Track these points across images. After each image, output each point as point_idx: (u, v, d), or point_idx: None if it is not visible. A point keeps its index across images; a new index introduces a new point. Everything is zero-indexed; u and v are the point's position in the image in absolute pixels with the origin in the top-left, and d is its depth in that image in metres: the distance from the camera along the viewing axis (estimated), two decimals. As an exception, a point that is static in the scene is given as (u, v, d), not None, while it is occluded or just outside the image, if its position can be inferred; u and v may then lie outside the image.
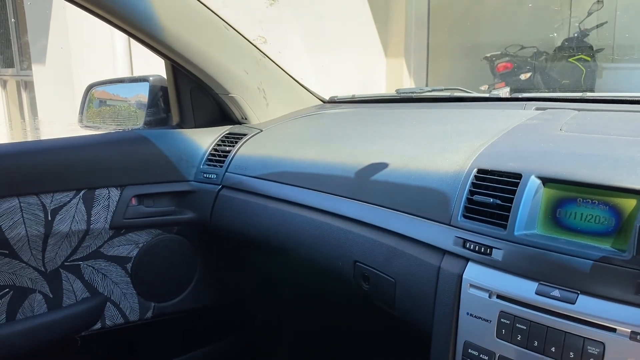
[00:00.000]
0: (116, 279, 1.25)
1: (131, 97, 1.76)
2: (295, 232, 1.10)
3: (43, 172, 1.13)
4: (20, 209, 1.09)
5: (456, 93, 1.34)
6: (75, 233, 1.17)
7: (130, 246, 1.26)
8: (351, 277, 0.98)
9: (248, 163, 1.27)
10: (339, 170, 1.06)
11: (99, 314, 1.23)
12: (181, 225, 1.33)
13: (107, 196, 1.21)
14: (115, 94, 1.81)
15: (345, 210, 1.01)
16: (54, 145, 1.18)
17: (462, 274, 0.78)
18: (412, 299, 0.85)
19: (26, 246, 1.12)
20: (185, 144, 1.34)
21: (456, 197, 0.83)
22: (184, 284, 1.37)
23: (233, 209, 1.26)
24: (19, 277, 1.12)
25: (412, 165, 0.95)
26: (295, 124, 1.35)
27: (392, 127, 1.16)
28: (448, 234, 0.82)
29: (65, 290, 1.18)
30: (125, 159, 1.24)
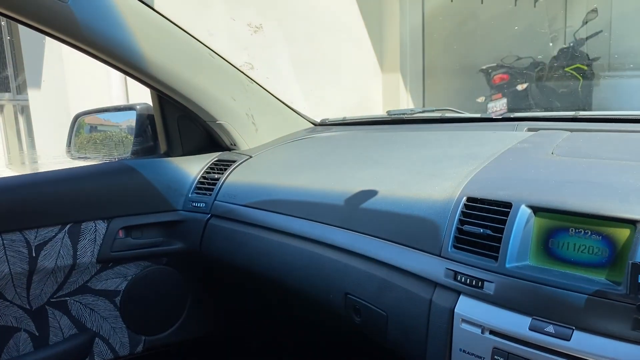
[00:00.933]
0: (104, 314, 1.22)
1: (122, 122, 1.74)
2: (286, 261, 1.07)
3: (26, 207, 1.10)
4: (3, 246, 1.07)
5: (447, 114, 1.32)
6: (61, 268, 1.15)
7: (119, 279, 1.24)
8: (342, 309, 0.96)
9: (237, 191, 1.25)
10: (329, 198, 1.03)
11: (87, 350, 1.20)
12: (170, 256, 1.30)
13: (94, 229, 1.18)
14: (106, 119, 1.79)
15: (335, 239, 0.98)
16: (38, 179, 1.15)
17: (454, 307, 0.75)
18: (404, 333, 0.82)
19: (10, 284, 1.09)
20: (173, 172, 1.32)
21: (446, 227, 0.80)
22: (175, 315, 1.33)
23: (222, 238, 1.23)
24: (3, 316, 1.10)
25: (402, 193, 0.92)
26: (285, 149, 1.33)
27: (382, 152, 1.13)
28: (439, 266, 0.79)
29: (51, 327, 1.16)
30: (112, 190, 1.22)
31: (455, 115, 1.31)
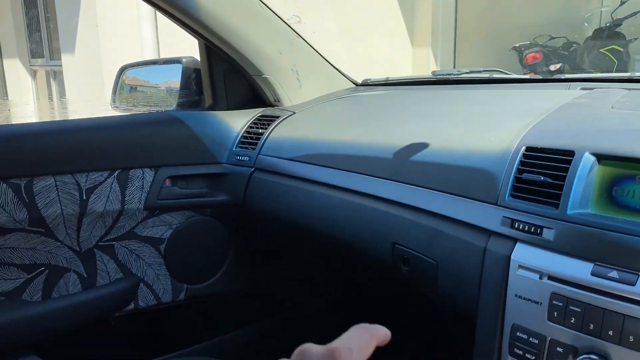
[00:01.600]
0: (149, 260, 1.25)
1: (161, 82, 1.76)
2: (330, 214, 1.08)
3: (78, 151, 1.12)
4: (55, 188, 1.09)
5: (495, 74, 1.30)
6: (110, 213, 1.17)
7: (164, 227, 1.26)
8: (389, 259, 0.96)
9: (281, 145, 1.25)
10: (377, 151, 1.03)
11: (132, 294, 1.23)
12: (214, 208, 1.32)
13: (142, 177, 1.20)
14: (146, 80, 1.81)
15: (383, 191, 0.99)
16: (89, 124, 1.17)
17: (510, 255, 0.74)
18: (455, 282, 0.83)
19: (61, 225, 1.12)
20: (218, 126, 1.33)
21: (503, 176, 0.80)
22: (217, 266, 1.36)
23: (266, 191, 1.24)
24: (54, 256, 1.13)
25: (455, 145, 0.92)
26: (329, 106, 1.33)
27: (431, 108, 1.13)
28: (495, 214, 0.79)
29: (99, 270, 1.19)
30: (159, 140, 1.23)
31: (504, 76, 1.29)
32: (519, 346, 0.72)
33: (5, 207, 1.04)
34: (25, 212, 1.06)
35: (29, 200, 1.07)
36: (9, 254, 1.07)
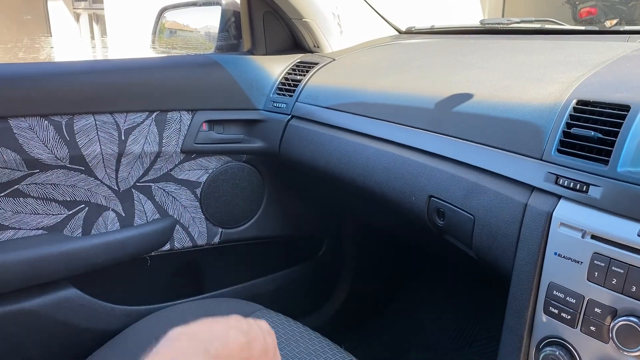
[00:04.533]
0: (185, 203, 1.27)
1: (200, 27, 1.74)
2: (367, 164, 1.06)
3: (117, 91, 1.13)
4: (95, 127, 1.11)
5: (548, 25, 1.23)
6: (148, 154, 1.18)
7: (200, 171, 1.27)
8: (424, 212, 0.94)
9: (319, 93, 1.23)
10: (418, 101, 1.00)
11: (168, 235, 1.25)
12: (250, 154, 1.32)
13: (179, 120, 1.20)
14: (185, 24, 1.79)
15: (422, 143, 0.96)
16: (128, 65, 1.17)
17: (552, 211, 0.72)
18: (492, 237, 0.80)
19: (101, 164, 1.14)
20: (256, 71, 1.31)
21: (551, 130, 0.76)
22: (251, 212, 1.37)
23: (302, 139, 1.23)
24: (94, 195, 1.15)
25: (501, 96, 0.88)
26: (370, 53, 1.29)
27: (477, 57, 1.08)
28: (539, 170, 0.75)
29: (137, 210, 1.21)
30: (197, 83, 1.22)
31: (557, 27, 1.22)
32: (554, 305, 0.70)
33: (47, 144, 1.06)
34: (66, 149, 1.08)
35: (70, 138, 1.08)
36: (51, 190, 1.10)
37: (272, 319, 1.07)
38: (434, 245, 1.16)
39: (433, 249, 1.22)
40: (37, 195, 1.09)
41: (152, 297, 1.27)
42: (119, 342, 1.06)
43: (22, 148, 1.04)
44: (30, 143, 1.05)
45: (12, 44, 2.13)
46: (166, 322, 1.09)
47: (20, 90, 1.03)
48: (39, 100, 1.05)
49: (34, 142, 1.05)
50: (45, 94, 1.05)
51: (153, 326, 1.09)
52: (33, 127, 1.04)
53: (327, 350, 0.97)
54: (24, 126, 1.04)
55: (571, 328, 0.68)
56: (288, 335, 1.02)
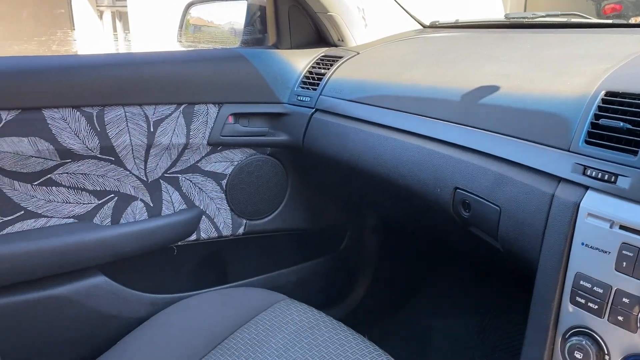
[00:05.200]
0: (211, 194, 1.29)
1: (225, 22, 1.76)
2: (391, 156, 1.07)
3: (146, 83, 1.15)
4: (125, 118, 1.13)
5: (574, 19, 1.23)
6: (176, 146, 1.21)
7: (226, 163, 1.29)
8: (450, 203, 0.95)
9: (343, 86, 1.24)
10: (443, 93, 1.01)
11: (195, 225, 1.27)
12: (274, 147, 1.34)
13: (206, 112, 1.22)
14: (210, 20, 1.82)
15: (447, 135, 0.96)
16: (157, 58, 1.19)
17: (580, 202, 0.72)
18: (519, 228, 0.81)
19: (130, 155, 1.16)
20: (280, 65, 1.32)
21: (578, 122, 0.76)
22: (274, 204, 1.39)
23: (326, 132, 1.24)
24: (123, 185, 1.18)
25: (528, 88, 0.88)
26: (394, 46, 1.29)
27: (503, 51, 1.08)
28: (566, 161, 0.76)
29: (164, 200, 1.23)
30: (224, 76, 1.24)
31: (583, 21, 1.21)
32: (581, 295, 0.70)
33: (78, 135, 1.09)
34: (97, 140, 1.11)
35: (100, 129, 1.11)
36: (82, 179, 1.13)
37: (295, 308, 1.08)
38: (458, 237, 1.16)
39: (457, 241, 1.22)
40: (68, 184, 1.12)
41: (178, 286, 1.30)
42: (146, 329, 1.08)
43: (55, 138, 1.07)
44: (62, 133, 1.08)
45: (46, 36, 2.18)
46: (192, 310, 1.12)
47: (53, 82, 1.06)
48: (71, 91, 1.07)
49: (67, 133, 1.08)
50: (78, 86, 1.08)
51: (179, 314, 1.11)
52: (65, 117, 1.07)
53: (351, 339, 0.99)
54: (57, 117, 1.07)
55: (598, 318, 0.68)
56: (312, 323, 1.03)
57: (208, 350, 1.00)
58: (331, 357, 0.94)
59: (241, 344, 1.00)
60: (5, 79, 1.02)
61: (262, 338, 1.00)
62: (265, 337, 1.00)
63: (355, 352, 0.95)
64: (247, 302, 1.12)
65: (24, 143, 1.04)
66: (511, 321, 1.50)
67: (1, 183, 1.05)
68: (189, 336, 1.04)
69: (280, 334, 1.00)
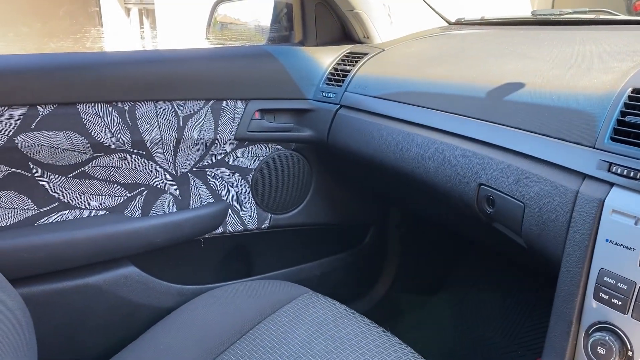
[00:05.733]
0: (238, 188, 1.32)
1: (251, 20, 1.79)
2: (415, 153, 1.08)
3: (176, 79, 1.18)
4: (156, 114, 1.16)
5: (602, 15, 1.22)
6: (204, 141, 1.24)
7: (252, 158, 1.31)
8: (474, 200, 0.96)
9: (368, 82, 1.25)
10: (468, 90, 1.01)
11: (221, 219, 1.30)
12: (299, 143, 1.36)
13: (233, 108, 1.25)
14: (236, 18, 1.84)
15: (472, 131, 0.97)
16: (186, 55, 1.22)
17: (605, 199, 0.72)
18: (543, 224, 0.81)
19: (160, 149, 1.19)
20: (306, 62, 1.34)
21: (604, 119, 0.76)
22: (299, 199, 1.41)
23: (351, 128, 1.26)
24: (153, 178, 1.21)
25: (553, 85, 0.88)
26: (420, 43, 1.30)
27: (529, 48, 1.08)
28: (591, 157, 0.76)
29: (192, 194, 1.26)
30: (250, 72, 1.26)
31: (612, 17, 1.20)
32: (605, 291, 0.70)
33: (111, 129, 1.13)
34: (128, 134, 1.14)
35: (132, 124, 1.14)
36: (113, 172, 1.17)
37: (318, 301, 1.10)
38: (482, 233, 1.17)
39: (480, 237, 1.22)
40: (101, 177, 1.16)
41: (204, 278, 1.33)
42: (173, 319, 1.12)
43: (88, 132, 1.11)
44: (96, 128, 1.11)
45: (80, 34, 2.24)
46: (218, 302, 1.15)
47: (87, 78, 1.10)
48: (104, 87, 1.11)
49: (100, 127, 1.11)
50: (110, 82, 1.12)
51: (205, 305, 1.14)
52: (99, 112, 1.11)
53: (374, 332, 1.00)
54: (91, 112, 1.10)
55: (622, 314, 0.69)
56: (335, 316, 1.05)
57: (233, 341, 1.02)
58: (354, 349, 0.95)
59: (265, 335, 1.02)
60: (42, 74, 1.06)
61: (285, 330, 1.02)
62: (289, 329, 1.02)
63: (378, 345, 0.96)
64: (271, 295, 1.14)
65: (59, 137, 1.08)
66: (535, 318, 1.49)
67: (37, 175, 1.10)
68: (214, 327, 1.06)
69: (303, 327, 1.02)
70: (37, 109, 1.05)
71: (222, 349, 1.01)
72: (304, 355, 0.95)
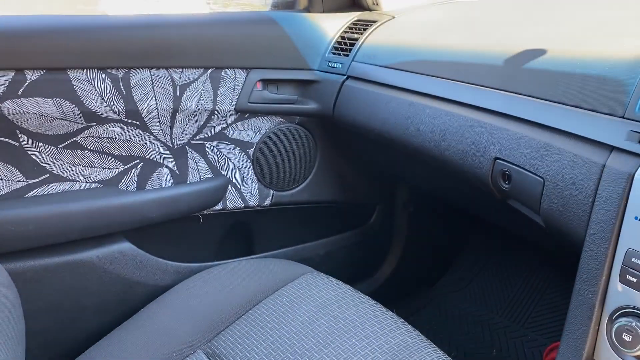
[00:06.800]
0: (238, 163, 1.26)
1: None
2: (426, 125, 1.02)
3: (172, 46, 1.12)
4: (151, 82, 1.10)
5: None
6: (202, 112, 1.17)
7: (253, 132, 1.25)
8: (488, 175, 0.90)
9: (377, 52, 1.18)
10: (485, 58, 0.94)
11: (221, 194, 1.25)
12: (303, 116, 1.29)
13: (234, 77, 1.18)
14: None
15: (488, 102, 0.91)
16: (183, 20, 1.16)
17: (635, 173, 0.66)
18: (564, 201, 0.75)
19: (156, 119, 1.13)
20: (312, 29, 1.27)
21: (635, 86, 0.70)
22: (302, 175, 1.35)
23: (358, 100, 1.19)
24: (149, 150, 1.16)
25: (577, 51, 0.81)
26: (432, 10, 1.23)
27: (550, 12, 1.00)
28: (619, 128, 0.69)
29: (190, 168, 1.21)
30: (252, 40, 1.20)
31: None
32: (632, 272, 0.65)
33: (104, 97, 1.07)
34: (122, 103, 1.08)
35: (126, 92, 1.08)
36: (107, 143, 1.11)
37: (322, 280, 1.05)
38: (496, 211, 1.11)
39: (494, 215, 1.17)
40: (94, 148, 1.10)
41: (203, 256, 1.28)
42: (169, 297, 1.07)
43: (80, 100, 1.05)
44: (88, 95, 1.05)
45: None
46: (217, 279, 1.10)
47: (79, 42, 1.03)
48: (97, 52, 1.05)
49: (92, 95, 1.05)
50: (103, 47, 1.05)
51: (204, 282, 1.09)
52: (91, 79, 1.05)
53: (379, 313, 0.95)
54: (83, 78, 1.04)
55: (651, 298, 0.63)
56: (338, 297, 1.00)
57: (233, 319, 0.98)
58: (357, 330, 0.90)
59: (266, 315, 0.97)
60: (30, 37, 1.00)
61: (287, 309, 0.98)
62: (290, 308, 0.98)
63: (383, 326, 0.91)
64: (273, 273, 1.10)
65: (48, 104, 1.02)
66: (546, 301, 1.44)
67: (26, 145, 1.04)
68: (213, 305, 1.02)
69: (306, 306, 0.97)
70: (25, 74, 0.99)
71: (221, 328, 0.96)
72: (305, 337, 0.90)
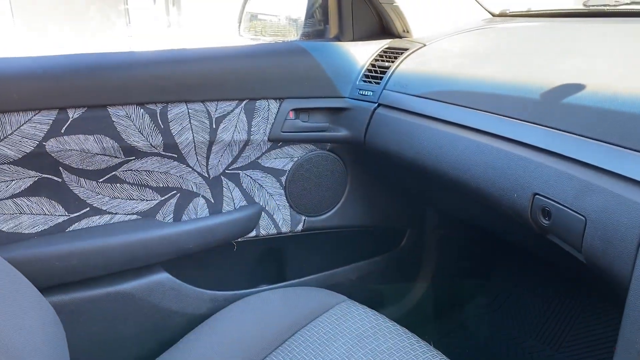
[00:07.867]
0: (271, 191, 1.27)
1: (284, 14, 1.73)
2: (461, 156, 1.02)
3: (208, 79, 1.13)
4: (188, 115, 1.12)
5: (664, 6, 1.13)
6: (237, 142, 1.19)
7: (286, 159, 1.26)
8: (527, 210, 0.89)
9: (409, 80, 1.19)
10: (521, 90, 0.94)
11: (255, 222, 1.26)
12: (334, 143, 1.30)
13: (267, 108, 1.20)
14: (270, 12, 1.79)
15: (525, 136, 0.90)
16: (218, 53, 1.18)
17: (682, 217, 0.65)
18: (608, 241, 0.75)
19: (192, 152, 1.15)
20: (342, 58, 1.28)
21: (680, 127, 0.69)
22: (334, 201, 1.36)
23: (389, 128, 1.20)
24: (185, 181, 1.17)
25: (617, 86, 0.80)
26: (464, 38, 1.23)
27: (585, 43, 1.00)
28: (665, 169, 0.69)
29: (225, 197, 1.22)
30: (284, 70, 1.21)
31: (676, 8, 1.11)
32: (683, 319, 0.64)
33: (142, 132, 1.09)
34: (160, 137, 1.11)
35: (164, 126, 1.10)
36: (145, 176, 1.13)
37: (357, 311, 1.06)
38: (534, 244, 1.10)
39: (532, 247, 1.16)
40: (132, 181, 1.12)
41: (237, 283, 1.30)
42: (207, 327, 1.08)
43: (119, 135, 1.07)
44: (127, 131, 1.07)
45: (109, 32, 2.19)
46: (253, 309, 1.11)
47: (118, 80, 1.06)
48: (135, 88, 1.07)
49: (131, 130, 1.08)
50: (141, 83, 1.08)
51: (240, 313, 1.10)
52: (130, 115, 1.07)
53: (417, 347, 0.95)
54: (122, 114, 1.06)
55: (703, 347, 0.62)
56: (375, 329, 1.00)
57: (268, 351, 0.99)
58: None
59: (302, 347, 0.98)
60: (71, 76, 1.02)
61: (323, 342, 0.98)
62: (327, 340, 0.98)
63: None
64: (307, 303, 1.10)
65: (89, 141, 1.05)
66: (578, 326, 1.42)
67: (68, 180, 1.07)
68: (249, 336, 1.03)
69: (342, 339, 0.98)
70: (67, 113, 1.02)
71: (259, 359, 0.97)
72: None
